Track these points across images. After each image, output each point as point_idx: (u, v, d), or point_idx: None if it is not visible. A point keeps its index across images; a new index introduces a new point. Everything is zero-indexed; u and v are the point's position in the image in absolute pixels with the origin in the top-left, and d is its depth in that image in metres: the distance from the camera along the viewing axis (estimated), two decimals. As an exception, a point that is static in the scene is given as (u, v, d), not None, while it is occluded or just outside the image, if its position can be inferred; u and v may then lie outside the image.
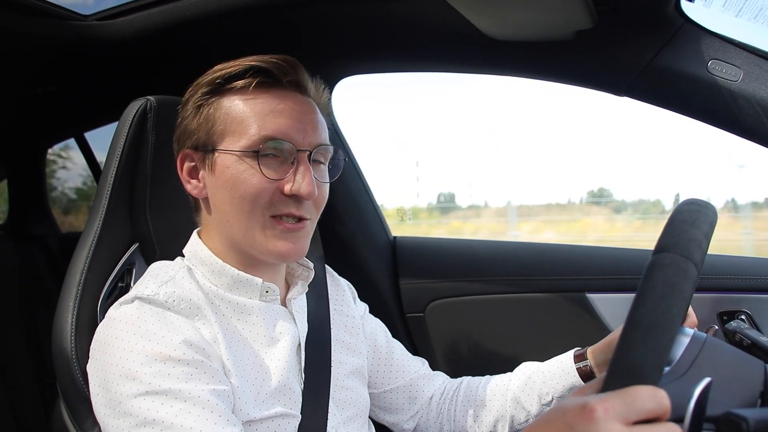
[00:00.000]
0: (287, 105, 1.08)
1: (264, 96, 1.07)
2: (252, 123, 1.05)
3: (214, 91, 1.09)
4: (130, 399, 0.91)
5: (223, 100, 1.08)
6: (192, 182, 1.13)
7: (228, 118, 1.07)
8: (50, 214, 2.96)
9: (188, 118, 1.11)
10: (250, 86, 1.07)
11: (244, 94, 1.07)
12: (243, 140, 1.05)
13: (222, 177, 1.07)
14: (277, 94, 1.08)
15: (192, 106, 1.11)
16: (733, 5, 1.25)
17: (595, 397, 0.62)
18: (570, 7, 1.23)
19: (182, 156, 1.13)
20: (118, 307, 1.02)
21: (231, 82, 1.08)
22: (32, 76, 1.98)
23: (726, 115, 1.34)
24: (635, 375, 0.64)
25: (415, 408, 1.39)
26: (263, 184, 1.05)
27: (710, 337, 0.92)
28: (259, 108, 1.06)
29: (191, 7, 1.50)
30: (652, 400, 0.61)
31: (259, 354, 1.08)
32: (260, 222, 1.07)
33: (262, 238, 1.07)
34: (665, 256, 0.71)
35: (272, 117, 1.06)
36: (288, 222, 1.08)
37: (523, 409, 1.30)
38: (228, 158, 1.06)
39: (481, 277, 1.94)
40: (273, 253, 1.08)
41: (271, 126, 1.05)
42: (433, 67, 1.83)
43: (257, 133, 1.05)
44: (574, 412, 0.63)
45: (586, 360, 1.26)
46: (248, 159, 1.05)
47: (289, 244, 1.08)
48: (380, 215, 2.12)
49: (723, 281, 1.65)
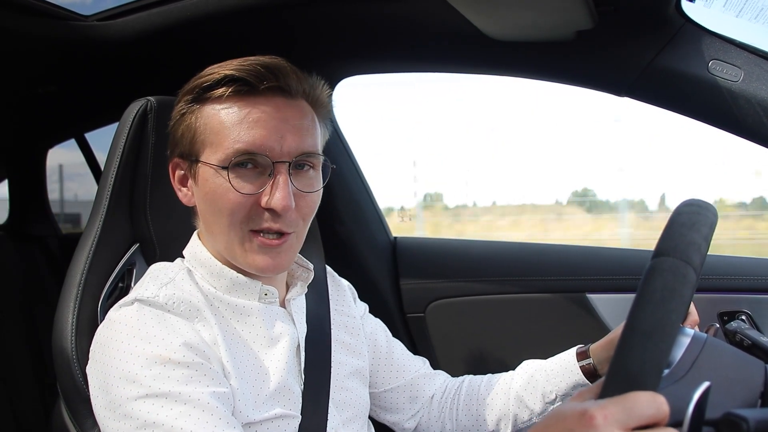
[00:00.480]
0: (265, 113, 1.03)
1: (239, 105, 1.03)
2: (227, 135, 1.02)
3: (196, 98, 1.06)
4: (130, 402, 0.91)
5: (204, 109, 1.05)
6: (183, 190, 1.13)
7: (207, 128, 1.04)
8: (51, 215, 2.96)
9: (175, 126, 1.10)
10: (224, 96, 1.03)
11: (221, 103, 1.03)
12: (219, 153, 1.02)
13: (203, 189, 1.06)
14: (254, 101, 1.03)
15: (177, 113, 1.09)
16: (733, 5, 1.25)
17: (595, 404, 0.62)
18: (570, 8, 1.23)
19: (173, 164, 1.13)
20: (118, 309, 1.02)
21: (209, 90, 1.04)
22: (32, 76, 1.98)
23: (726, 116, 1.34)
24: (634, 381, 0.64)
25: (416, 407, 1.39)
26: (238, 198, 1.02)
27: (711, 338, 0.92)
28: (234, 118, 1.02)
29: (191, 7, 1.50)
30: (651, 406, 0.61)
31: (258, 355, 1.08)
32: (239, 236, 1.05)
33: (241, 251, 1.06)
34: (664, 260, 0.70)
35: (246, 128, 1.01)
36: (267, 237, 1.05)
37: (526, 408, 1.29)
38: (207, 171, 1.04)
39: (481, 278, 1.94)
40: (252, 266, 1.07)
41: (245, 138, 1.01)
42: (433, 68, 1.83)
43: (231, 146, 1.01)
44: (574, 419, 0.63)
45: (589, 358, 1.25)
46: (223, 172, 1.02)
47: (267, 259, 1.05)
48: (380, 215, 2.12)
49: (723, 281, 1.65)
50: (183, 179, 1.13)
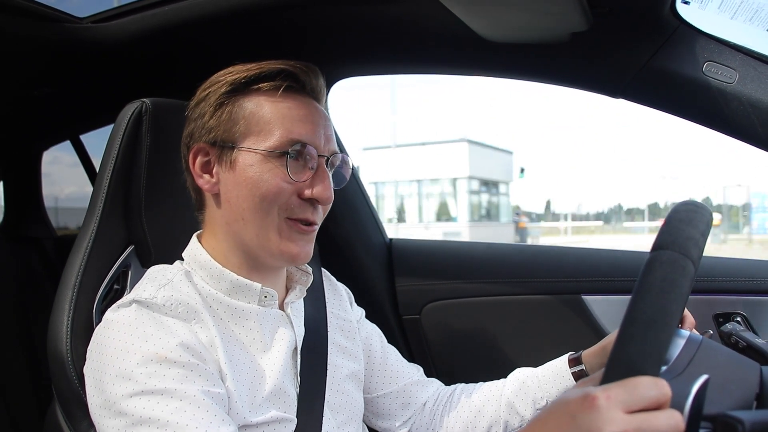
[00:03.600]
0: (310, 111, 1.11)
1: (290, 101, 1.09)
2: (279, 125, 1.07)
3: (237, 90, 1.09)
4: (125, 399, 0.91)
5: (245, 100, 1.09)
6: (204, 177, 1.12)
7: (253, 118, 1.08)
8: (46, 217, 2.95)
9: (205, 115, 1.11)
10: (279, 89, 1.09)
11: (272, 96, 1.09)
12: (269, 141, 1.07)
13: (243, 175, 1.07)
14: (301, 99, 1.11)
15: (211, 103, 1.10)
16: (728, 7, 1.25)
17: (597, 388, 0.62)
18: (565, 10, 1.23)
19: (196, 150, 1.12)
20: (116, 310, 1.02)
21: (257, 83, 1.09)
22: (27, 78, 1.98)
23: (721, 117, 1.34)
24: (634, 369, 0.64)
25: (408, 414, 1.39)
26: (284, 185, 1.07)
27: (706, 339, 0.92)
28: (287, 112, 1.08)
29: (187, 9, 1.50)
30: (653, 388, 0.62)
31: (255, 358, 1.08)
32: (276, 222, 1.08)
33: (277, 238, 1.09)
34: (663, 253, 0.71)
35: (299, 121, 1.08)
36: (300, 224, 1.10)
37: (517, 414, 1.29)
38: (251, 157, 1.07)
39: (477, 279, 1.94)
40: (284, 254, 1.09)
41: (298, 130, 1.07)
42: (428, 69, 1.83)
43: (285, 135, 1.06)
44: (576, 402, 0.63)
45: (581, 364, 1.26)
46: (274, 159, 1.06)
47: (299, 246, 1.10)
48: (376, 217, 2.12)
49: (718, 283, 1.66)
50: (205, 166, 1.13)
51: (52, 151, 2.85)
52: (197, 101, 1.13)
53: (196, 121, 1.13)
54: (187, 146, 1.14)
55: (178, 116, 1.20)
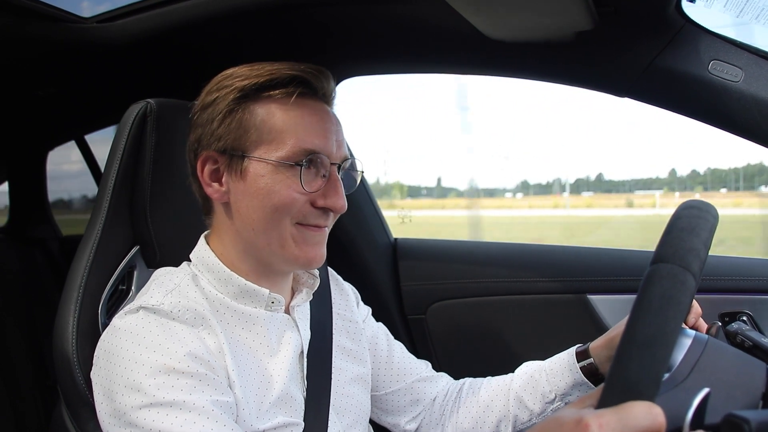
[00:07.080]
0: (322, 118, 1.08)
1: (302, 108, 1.06)
2: (291, 134, 1.04)
3: (247, 96, 1.06)
4: (135, 410, 0.91)
5: (256, 107, 1.05)
6: (213, 185, 1.09)
7: (264, 126, 1.05)
8: (51, 217, 2.96)
9: (213, 122, 1.07)
10: (291, 97, 1.05)
11: (284, 104, 1.05)
12: (281, 150, 1.04)
13: (254, 185, 1.05)
14: (314, 106, 1.08)
15: (219, 109, 1.06)
16: (734, 6, 1.25)
17: (591, 412, 0.62)
18: (570, 9, 1.23)
19: (204, 158, 1.09)
20: (123, 317, 1.01)
21: (268, 90, 1.05)
22: (32, 78, 1.98)
23: (727, 116, 1.34)
24: (632, 391, 0.63)
25: (417, 410, 1.39)
26: (297, 195, 1.04)
27: (712, 339, 0.92)
28: (299, 120, 1.05)
29: (192, 9, 1.50)
30: (646, 418, 0.61)
31: (262, 363, 1.07)
32: (289, 230, 1.07)
33: (293, 244, 1.07)
34: (663, 267, 0.70)
35: (311, 130, 1.06)
36: (311, 227, 1.09)
37: (526, 408, 1.29)
38: (262, 167, 1.04)
39: (482, 279, 1.93)
40: (299, 259, 1.08)
41: (311, 139, 1.05)
42: (433, 69, 1.83)
43: (298, 145, 1.04)
44: (570, 426, 0.63)
45: (589, 357, 1.25)
46: (285, 170, 1.04)
47: (314, 250, 1.09)
48: (381, 217, 2.12)
49: (724, 282, 1.65)
50: (214, 174, 1.10)
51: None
52: (203, 105, 1.09)
53: (204, 127, 1.09)
54: (195, 153, 1.11)
55: (183, 117, 1.19)
